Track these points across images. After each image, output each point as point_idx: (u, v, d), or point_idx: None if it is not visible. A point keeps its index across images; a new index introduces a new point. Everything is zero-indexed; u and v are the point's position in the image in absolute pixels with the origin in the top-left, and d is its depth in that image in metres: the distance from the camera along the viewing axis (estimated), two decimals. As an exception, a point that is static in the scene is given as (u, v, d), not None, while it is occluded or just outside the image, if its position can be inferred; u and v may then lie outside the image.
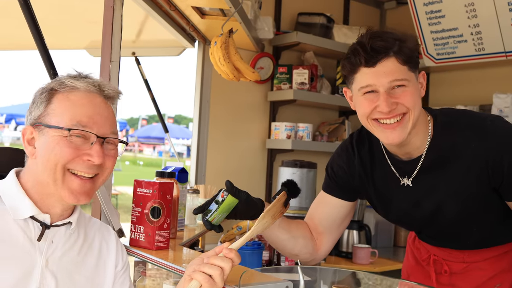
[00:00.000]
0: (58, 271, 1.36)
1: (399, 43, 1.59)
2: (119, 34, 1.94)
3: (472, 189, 1.67)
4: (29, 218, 1.34)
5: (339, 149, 1.93)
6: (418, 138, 1.68)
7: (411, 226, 1.99)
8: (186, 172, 2.22)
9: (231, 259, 1.28)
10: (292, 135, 3.55)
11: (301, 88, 3.58)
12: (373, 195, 1.87)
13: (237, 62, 2.74)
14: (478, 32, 3.28)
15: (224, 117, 3.55)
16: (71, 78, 1.39)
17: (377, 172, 1.83)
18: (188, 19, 2.97)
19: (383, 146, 1.80)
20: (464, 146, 1.65)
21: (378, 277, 1.78)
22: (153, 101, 3.67)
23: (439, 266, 1.93)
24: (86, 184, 1.36)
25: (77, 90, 1.37)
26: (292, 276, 1.54)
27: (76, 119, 1.34)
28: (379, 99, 1.59)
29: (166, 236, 1.80)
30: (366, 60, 1.58)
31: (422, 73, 1.68)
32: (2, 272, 1.26)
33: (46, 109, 1.35)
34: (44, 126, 1.34)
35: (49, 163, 1.32)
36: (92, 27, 3.47)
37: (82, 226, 1.48)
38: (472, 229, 1.79)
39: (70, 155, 1.32)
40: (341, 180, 1.88)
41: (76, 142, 1.33)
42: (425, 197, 1.75)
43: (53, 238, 1.38)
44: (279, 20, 3.78)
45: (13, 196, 1.34)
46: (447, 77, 3.92)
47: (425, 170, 1.71)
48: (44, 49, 1.86)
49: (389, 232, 3.62)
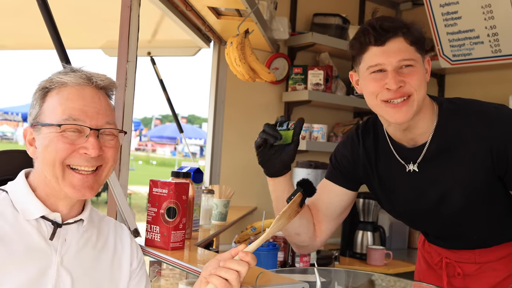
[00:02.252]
0: (73, 269, 1.37)
1: (407, 25, 1.63)
2: (136, 34, 1.95)
3: (477, 177, 1.66)
4: (40, 218, 1.35)
5: (344, 139, 1.94)
6: (424, 123, 1.69)
7: (415, 219, 1.95)
8: (201, 173, 2.22)
9: (247, 262, 1.27)
10: (306, 135, 3.55)
11: (316, 89, 3.57)
12: (377, 186, 1.86)
13: (253, 62, 2.74)
14: (494, 33, 3.25)
15: (238, 117, 3.55)
16: (60, 74, 1.38)
17: (382, 162, 1.82)
18: (204, 19, 2.98)
19: (387, 135, 1.80)
20: (469, 132, 1.65)
21: (392, 279, 1.77)
22: (168, 101, 3.67)
23: (451, 269, 1.92)
24: (88, 179, 1.35)
25: (66, 84, 1.35)
26: (307, 278, 1.54)
27: (67, 114, 1.32)
28: (387, 77, 1.60)
29: (182, 236, 1.80)
30: (375, 39, 1.61)
31: (427, 59, 1.70)
32: (19, 271, 1.27)
33: (41, 108, 1.35)
34: (40, 126, 1.34)
35: (47, 161, 1.32)
36: (108, 26, 3.49)
37: (95, 223, 1.49)
38: (476, 222, 1.78)
39: (66, 150, 1.32)
40: (345, 169, 1.89)
41: (71, 137, 1.32)
42: (430, 184, 1.73)
43: (66, 236, 1.38)
44: (295, 21, 3.78)
45: (23, 197, 1.35)
46: (463, 78, 3.89)
47: (430, 157, 1.71)
48: (62, 48, 1.87)
49: (403, 234, 3.60)
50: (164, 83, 3.72)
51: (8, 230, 1.29)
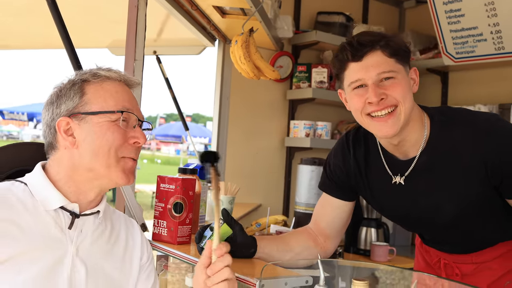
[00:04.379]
0: (87, 259, 1.41)
1: (385, 38, 1.62)
2: (143, 33, 1.98)
3: (473, 189, 1.66)
4: (59, 209, 1.38)
5: (336, 147, 1.94)
6: (413, 135, 1.68)
7: (409, 226, 2.01)
8: (207, 169, 2.25)
9: (225, 253, 1.32)
10: (311, 133, 3.58)
11: (320, 87, 3.60)
12: (368, 195, 1.89)
13: (257, 60, 2.77)
14: (498, 31, 3.27)
15: (243, 115, 3.58)
16: (102, 70, 1.45)
17: (372, 171, 1.83)
18: (209, 18, 3.01)
19: (379, 145, 1.80)
20: (462, 145, 1.64)
21: (396, 276, 1.80)
22: (174, 99, 3.70)
23: (450, 269, 1.94)
24: (134, 164, 1.44)
25: (109, 79, 1.43)
26: (311, 273, 1.57)
27: (121, 105, 1.41)
28: (368, 91, 1.60)
29: (188, 231, 1.84)
30: (352, 55, 1.62)
31: (413, 69, 1.68)
32: (36, 260, 1.32)
33: (82, 99, 1.40)
34: (86, 114, 1.38)
35: (102, 149, 1.37)
36: (114, 26, 3.52)
37: (108, 217, 1.53)
38: (471, 229, 1.79)
39: (120, 139, 1.39)
40: (339, 179, 1.90)
41: (123, 126, 1.40)
42: (421, 196, 1.74)
43: (82, 227, 1.43)
44: (299, 19, 3.81)
45: (42, 188, 1.39)
46: (466, 76, 3.90)
47: (420, 170, 1.71)
48: (71, 47, 1.91)
49: (407, 231, 3.62)
50: (170, 81, 3.74)
51: (28, 219, 1.34)
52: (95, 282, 1.42)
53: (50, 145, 1.44)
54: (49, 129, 1.43)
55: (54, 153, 1.43)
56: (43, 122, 1.45)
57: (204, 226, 1.68)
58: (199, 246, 1.62)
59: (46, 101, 1.46)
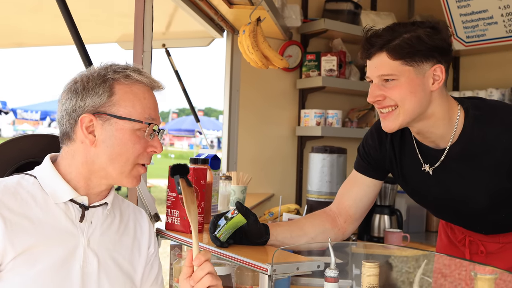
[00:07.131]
0: (99, 250, 1.43)
1: (396, 39, 1.60)
2: (150, 24, 1.99)
3: (503, 184, 1.69)
4: (68, 201, 1.40)
5: (372, 128, 1.95)
6: (438, 130, 1.69)
7: (437, 214, 2.03)
8: (218, 159, 2.26)
9: (205, 261, 1.32)
10: (321, 121, 3.58)
11: (330, 75, 3.59)
12: (400, 179, 1.90)
13: (265, 50, 2.78)
14: (508, 13, 3.24)
15: (253, 105, 3.59)
16: (132, 70, 1.43)
17: (406, 157, 1.84)
18: (216, 9, 3.02)
19: None
20: (495, 141, 1.66)
21: (411, 265, 1.81)
22: (184, 92, 3.72)
23: (475, 246, 1.95)
24: (145, 170, 1.47)
25: (139, 83, 1.42)
26: (324, 259, 1.57)
27: (147, 113, 1.41)
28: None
29: (201, 220, 1.85)
30: (361, 54, 1.70)
31: (437, 66, 1.63)
32: (49, 252, 1.33)
33: (111, 99, 1.38)
34: (112, 116, 1.38)
35: (119, 157, 1.39)
36: (123, 20, 3.55)
37: (117, 207, 1.55)
38: (499, 219, 1.81)
39: (139, 149, 1.41)
40: (373, 159, 1.91)
41: (142, 134, 1.41)
42: (449, 186, 1.76)
43: (92, 219, 1.44)
44: (306, 8, 3.79)
45: (52, 181, 1.40)
46: (478, 60, 3.88)
47: (451, 160, 1.72)
48: (81, 43, 1.93)
49: (421, 217, 3.61)
50: (180, 74, 3.76)
51: (39, 213, 1.35)
52: (107, 272, 1.43)
53: (66, 135, 1.42)
54: (68, 118, 1.40)
55: (69, 144, 1.42)
56: (61, 109, 1.41)
57: (218, 214, 1.69)
58: (213, 235, 1.63)
59: (69, 86, 1.41)
